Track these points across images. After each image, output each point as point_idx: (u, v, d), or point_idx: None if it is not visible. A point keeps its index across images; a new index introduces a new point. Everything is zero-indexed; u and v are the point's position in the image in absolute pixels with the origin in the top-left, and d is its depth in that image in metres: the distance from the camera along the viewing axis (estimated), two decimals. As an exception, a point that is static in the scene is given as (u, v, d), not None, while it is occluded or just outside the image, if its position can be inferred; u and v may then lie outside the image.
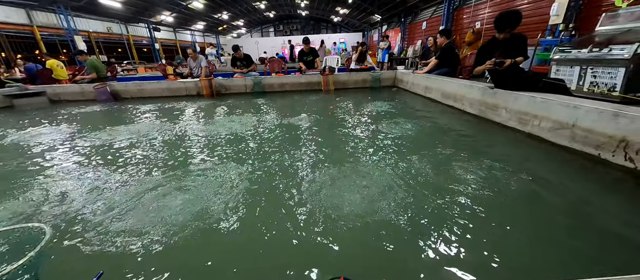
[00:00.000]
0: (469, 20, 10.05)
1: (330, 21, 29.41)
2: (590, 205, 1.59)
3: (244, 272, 1.17)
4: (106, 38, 16.39)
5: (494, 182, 1.81)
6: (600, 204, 1.60)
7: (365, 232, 1.36)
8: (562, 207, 1.55)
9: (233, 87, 6.44)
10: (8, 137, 3.39)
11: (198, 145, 2.82)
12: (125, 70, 11.91)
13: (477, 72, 3.31)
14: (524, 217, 1.48)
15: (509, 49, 2.90)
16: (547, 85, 2.78)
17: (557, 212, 1.50)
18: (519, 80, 2.91)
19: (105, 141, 3.04)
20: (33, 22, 12.00)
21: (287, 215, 1.53)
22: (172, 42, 22.83)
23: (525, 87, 2.85)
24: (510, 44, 2.92)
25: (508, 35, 2.90)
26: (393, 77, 6.70)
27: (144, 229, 1.43)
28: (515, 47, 2.90)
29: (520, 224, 1.41)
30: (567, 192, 1.72)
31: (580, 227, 1.39)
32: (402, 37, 16.35)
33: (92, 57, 6.92)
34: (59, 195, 1.84)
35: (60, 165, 2.42)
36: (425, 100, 4.79)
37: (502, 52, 2.91)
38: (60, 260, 1.21)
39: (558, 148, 2.32)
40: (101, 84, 6.14)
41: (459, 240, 1.28)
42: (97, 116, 4.64)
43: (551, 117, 2.39)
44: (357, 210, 1.53)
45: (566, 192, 1.72)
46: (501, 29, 2.88)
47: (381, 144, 2.65)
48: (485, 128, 3.08)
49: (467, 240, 1.29)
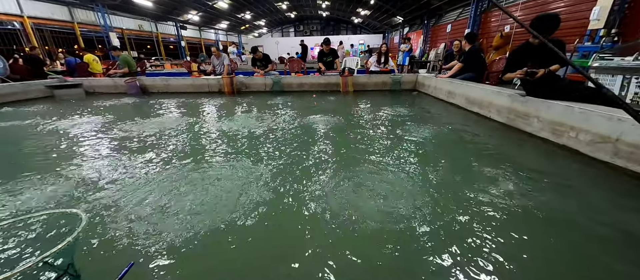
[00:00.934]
0: (498, 24, 9.60)
1: (350, 22, 29.28)
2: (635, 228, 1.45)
3: (261, 269, 1.17)
4: (137, 35, 17.35)
5: (522, 196, 1.70)
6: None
7: (381, 242, 1.32)
8: (603, 231, 1.42)
9: (253, 85, 6.58)
10: (49, 125, 3.67)
11: (220, 141, 2.90)
12: (153, 66, 12.53)
13: (506, 79, 3.13)
14: (556, 240, 1.35)
15: (544, 56, 2.72)
16: (587, 96, 2.56)
17: (596, 236, 1.38)
18: (554, 89, 2.72)
19: (137, 132, 3.21)
20: (74, 19, 12.96)
21: (304, 217, 1.52)
22: (197, 40, 23.74)
23: (561, 96, 2.66)
24: (546, 50, 2.74)
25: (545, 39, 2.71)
26: (414, 80, 6.53)
27: (174, 222, 1.47)
28: (551, 54, 2.71)
29: (551, 248, 1.30)
30: (610, 213, 1.57)
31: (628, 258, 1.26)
32: (424, 40, 15.92)
33: (124, 52, 7.36)
34: (93, 183, 1.95)
35: (95, 153, 2.58)
36: (448, 106, 4.62)
37: (536, 58, 2.74)
38: (93, 247, 1.28)
39: (597, 163, 2.14)
40: (131, 79, 6.50)
41: (477, 261, 1.20)
42: (127, 108, 4.91)
43: (591, 129, 2.22)
44: (373, 218, 1.49)
45: (608, 212, 1.58)
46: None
47: (400, 149, 2.58)
48: (513, 137, 2.91)
49: (486, 262, 1.20)
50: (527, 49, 2.89)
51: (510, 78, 3.05)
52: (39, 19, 11.43)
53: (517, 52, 3.04)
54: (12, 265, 1.16)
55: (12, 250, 1.25)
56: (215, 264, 1.20)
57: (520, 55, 2.93)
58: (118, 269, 0.93)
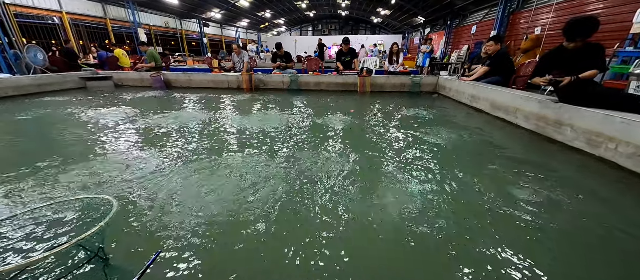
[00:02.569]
0: (527, 25, 9.08)
1: (369, 22, 28.90)
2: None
3: (278, 268, 1.18)
4: (163, 31, 18.10)
5: (551, 211, 1.59)
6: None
7: (395, 249, 1.28)
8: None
9: (271, 83, 6.66)
10: (83, 113, 3.90)
11: (242, 135, 2.95)
12: (177, 62, 13.02)
13: (534, 83, 2.98)
14: (588, 264, 1.25)
15: (579, 60, 2.54)
16: (626, 104, 2.35)
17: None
18: (589, 95, 2.53)
19: (163, 124, 3.34)
20: (106, 15, 13.73)
21: (316, 218, 1.51)
22: (218, 37, 24.40)
23: (597, 103, 2.47)
24: (582, 54, 2.55)
25: (580, 44, 2.53)
26: (435, 82, 6.34)
27: (199, 214, 1.51)
28: (588, 58, 2.53)
29: (583, 271, 1.21)
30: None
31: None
32: (446, 41, 15.40)
33: (150, 48, 7.70)
34: (121, 171, 2.05)
35: (124, 143, 2.71)
36: (471, 110, 4.44)
37: (570, 64, 2.56)
38: (122, 234, 1.34)
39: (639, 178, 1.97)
40: (156, 73, 6.79)
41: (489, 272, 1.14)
42: (153, 101, 5.13)
43: (633, 141, 2.04)
44: (386, 223, 1.46)
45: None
46: (572, 37, 2.52)
47: (418, 155, 2.51)
48: (542, 146, 2.74)
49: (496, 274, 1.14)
50: (560, 53, 2.71)
51: (538, 83, 2.91)
52: (76, 15, 12.21)
53: (548, 56, 2.87)
54: (47, 246, 1.24)
55: (47, 232, 1.34)
56: (238, 256, 1.22)
57: (552, 60, 2.77)
58: (145, 256, 0.96)
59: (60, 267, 1.10)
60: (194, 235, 1.33)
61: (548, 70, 2.82)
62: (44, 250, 1.19)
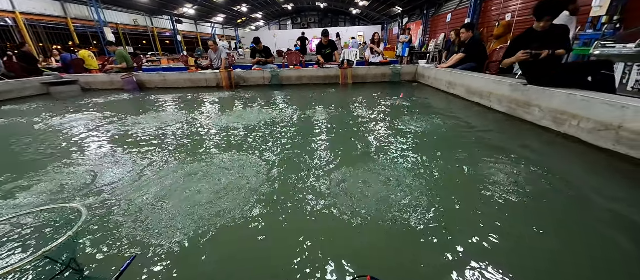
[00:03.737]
0: (498, 12, 9.46)
1: (348, 13, 28.84)
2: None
3: (265, 263, 1.17)
4: (132, 30, 17.08)
5: (522, 186, 1.69)
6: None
7: (383, 231, 1.32)
8: (605, 218, 1.43)
9: (251, 79, 6.51)
10: (44, 121, 3.63)
11: (218, 136, 2.87)
12: (150, 62, 12.38)
13: (506, 64, 3.07)
14: (556, 227, 1.37)
15: (548, 41, 2.67)
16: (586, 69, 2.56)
17: (598, 224, 1.38)
18: (558, 72, 2.68)
19: (135, 128, 3.18)
20: (67, 14, 12.72)
21: (307, 209, 1.52)
22: (193, 34, 23.41)
23: (564, 77, 2.63)
24: (549, 36, 2.69)
25: (547, 25, 2.66)
26: (414, 71, 6.48)
27: (173, 216, 1.47)
28: (555, 39, 2.67)
29: (552, 234, 1.31)
30: (612, 201, 1.57)
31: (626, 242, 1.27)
32: (423, 30, 15.72)
33: (120, 47, 7.25)
34: (91, 179, 1.94)
35: (93, 149, 2.56)
36: (448, 96, 4.59)
37: (540, 44, 2.69)
38: (94, 242, 1.27)
39: (599, 151, 2.14)
40: (128, 74, 6.42)
41: (479, 247, 1.21)
42: (125, 104, 4.86)
43: (593, 117, 2.20)
44: (374, 209, 1.49)
45: (610, 200, 1.58)
46: (541, 16, 2.63)
47: (400, 141, 2.57)
48: (514, 127, 2.90)
49: (488, 246, 1.21)
50: (530, 35, 2.83)
51: (510, 63, 3.00)
52: (31, 15, 11.21)
53: (519, 39, 2.97)
54: (12, 259, 1.16)
55: (12, 245, 1.24)
56: (216, 257, 1.20)
57: (524, 42, 2.86)
58: (121, 262, 0.92)
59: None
60: (170, 239, 1.29)
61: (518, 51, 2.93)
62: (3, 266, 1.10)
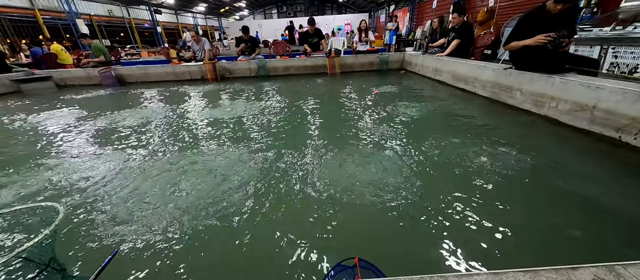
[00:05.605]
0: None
1: (335, 2, 28.38)
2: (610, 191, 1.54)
3: (255, 254, 1.17)
4: (108, 21, 16.19)
5: (505, 166, 1.76)
6: (620, 189, 1.55)
7: (373, 216, 1.35)
8: (578, 193, 1.51)
9: (237, 71, 6.35)
10: (18, 121, 3.43)
11: (203, 130, 2.81)
12: (129, 55, 11.82)
13: (512, 48, 2.70)
14: (535, 203, 1.44)
15: (563, 23, 2.32)
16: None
17: (573, 198, 1.46)
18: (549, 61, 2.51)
19: (115, 125, 3.05)
20: (34, 6, 11.87)
21: (297, 198, 1.52)
22: (174, 25, 22.47)
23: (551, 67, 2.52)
24: (565, 17, 2.31)
25: (566, 7, 2.25)
26: (401, 59, 6.50)
27: (154, 210, 1.44)
28: (568, 22, 2.34)
29: (531, 211, 1.38)
30: (586, 178, 1.66)
31: (597, 215, 1.35)
32: (410, 18, 15.71)
33: (95, 40, 6.86)
34: (69, 177, 1.86)
35: (70, 148, 2.45)
36: (435, 83, 4.65)
37: (552, 26, 2.34)
38: (75, 239, 1.24)
39: (575, 131, 2.23)
40: (106, 69, 6.11)
41: (465, 225, 1.26)
42: (103, 101, 4.65)
43: (570, 98, 2.29)
44: (364, 195, 1.51)
45: (584, 177, 1.67)
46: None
47: (388, 128, 2.59)
48: (498, 111, 2.98)
49: (474, 225, 1.26)
50: (542, 14, 2.43)
51: (519, 47, 2.61)
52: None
53: (528, 17, 2.56)
54: (-10, 265, 1.11)
55: (-12, 250, 1.19)
56: (199, 251, 1.19)
57: (534, 22, 2.48)
58: (102, 259, 0.90)
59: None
60: (151, 234, 1.27)
61: (527, 33, 2.50)
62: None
